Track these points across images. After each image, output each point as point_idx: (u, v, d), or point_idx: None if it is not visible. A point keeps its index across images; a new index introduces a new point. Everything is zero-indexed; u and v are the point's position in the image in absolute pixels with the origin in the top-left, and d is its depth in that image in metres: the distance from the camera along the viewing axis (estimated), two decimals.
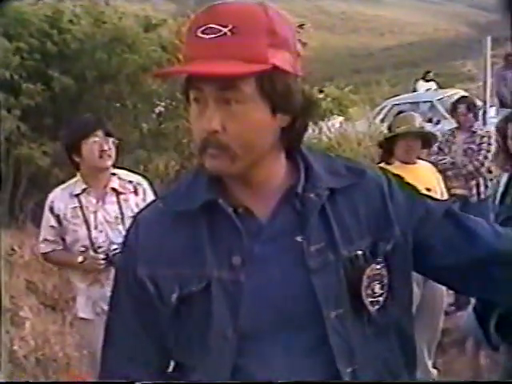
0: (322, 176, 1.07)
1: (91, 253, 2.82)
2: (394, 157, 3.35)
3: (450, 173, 4.54)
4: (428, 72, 13.34)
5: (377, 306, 1.06)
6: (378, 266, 1.06)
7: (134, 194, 2.92)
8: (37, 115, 5.81)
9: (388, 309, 1.08)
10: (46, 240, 2.93)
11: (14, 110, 5.48)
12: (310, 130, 8.35)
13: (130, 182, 2.94)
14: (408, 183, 1.17)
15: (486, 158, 4.54)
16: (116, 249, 2.73)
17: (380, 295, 1.07)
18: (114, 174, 2.92)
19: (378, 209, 1.08)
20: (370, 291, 1.06)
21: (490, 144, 4.54)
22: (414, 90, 12.93)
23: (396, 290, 1.09)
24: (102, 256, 2.79)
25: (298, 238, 1.04)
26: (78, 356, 4.31)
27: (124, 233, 3.08)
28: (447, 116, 10.09)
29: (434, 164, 3.89)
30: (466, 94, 10.58)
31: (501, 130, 2.95)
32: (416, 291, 3.04)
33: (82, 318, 2.96)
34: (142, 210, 1.19)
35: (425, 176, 3.34)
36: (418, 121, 3.42)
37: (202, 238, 1.05)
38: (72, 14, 6.09)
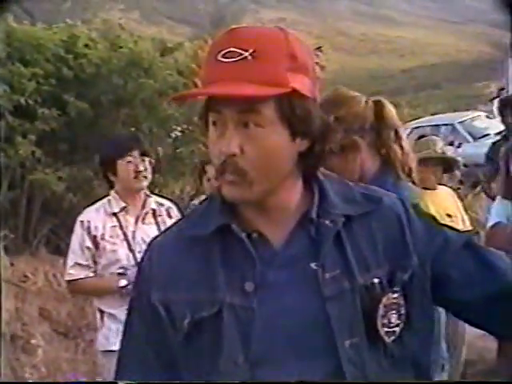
0: (337, 202, 1.07)
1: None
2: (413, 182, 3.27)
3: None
4: None
5: (393, 337, 1.04)
6: (395, 295, 1.04)
7: (168, 216, 2.90)
8: (52, 140, 5.81)
9: (404, 340, 1.05)
10: (78, 265, 2.78)
11: (30, 136, 5.49)
12: None
13: (162, 205, 2.93)
14: (426, 212, 1.14)
15: None
16: None
17: (396, 325, 1.04)
18: (149, 196, 2.89)
19: (395, 237, 1.07)
20: (386, 321, 1.03)
21: None
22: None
23: (413, 321, 1.06)
24: None
25: (313, 265, 1.02)
26: None
27: None
28: (469, 139, 9.98)
29: None
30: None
31: (505, 158, 2.89)
32: (443, 319, 2.97)
33: (111, 351, 2.71)
34: (157, 237, 1.18)
35: (445, 202, 3.24)
36: (440, 145, 3.34)
37: (215, 263, 1.05)
38: (88, 39, 6.12)
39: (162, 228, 2.81)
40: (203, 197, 4.05)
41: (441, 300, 1.10)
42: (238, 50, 0.98)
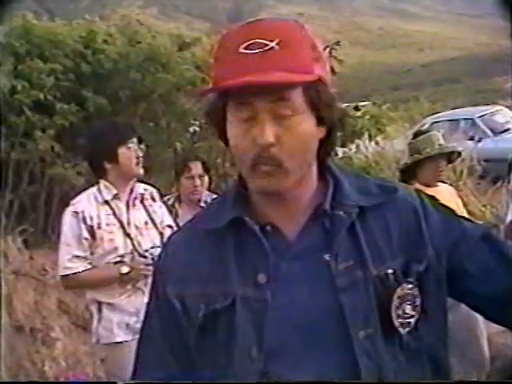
0: (351, 194, 1.07)
1: (141, 259, 2.69)
2: (415, 179, 3.22)
3: None
4: None
5: (408, 328, 1.03)
6: (410, 286, 1.03)
7: (152, 200, 2.90)
8: (71, 135, 5.84)
9: (420, 332, 1.04)
10: (75, 257, 2.69)
11: (49, 131, 5.53)
12: (346, 149, 8.21)
13: (146, 189, 2.92)
14: (443, 205, 1.12)
15: None
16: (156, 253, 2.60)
17: (411, 316, 1.03)
18: (135, 182, 2.88)
19: (410, 228, 1.06)
20: (400, 312, 1.02)
21: None
22: None
23: (429, 312, 1.05)
24: (151, 261, 2.62)
25: (326, 256, 1.02)
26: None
27: (152, 238, 2.79)
28: (489, 134, 9.86)
29: None
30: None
31: None
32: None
33: (115, 343, 2.72)
34: (173, 233, 1.21)
35: (444, 200, 3.19)
36: (438, 140, 3.29)
37: (228, 255, 1.05)
38: (106, 34, 6.14)
39: (150, 210, 2.84)
40: (174, 194, 3.92)
41: (457, 293, 1.09)
42: (264, 41, 0.97)
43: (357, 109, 8.47)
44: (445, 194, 3.26)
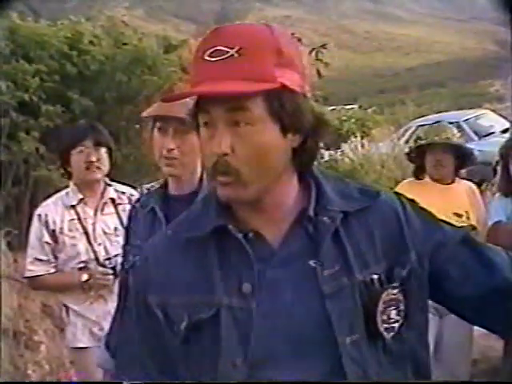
0: (334, 199, 1.06)
1: (99, 268, 2.65)
2: (425, 172, 3.04)
3: None
4: None
5: (392, 333, 1.03)
6: (395, 291, 1.04)
7: (130, 204, 2.82)
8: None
9: (403, 336, 1.05)
10: (37, 260, 2.68)
11: (33, 132, 5.48)
12: (332, 152, 8.26)
13: (123, 192, 2.83)
14: (423, 208, 1.12)
15: None
16: (122, 261, 2.60)
17: (396, 321, 1.04)
18: (109, 185, 2.80)
19: (393, 233, 1.06)
20: (385, 317, 1.03)
21: None
22: None
23: (412, 316, 1.06)
24: (110, 271, 2.62)
25: (311, 263, 1.02)
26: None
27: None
28: (474, 137, 9.94)
29: None
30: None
31: (503, 155, 2.85)
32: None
33: (79, 348, 2.73)
34: (151, 239, 1.19)
35: (457, 199, 3.02)
36: (451, 132, 3.04)
37: (212, 264, 1.04)
38: (92, 35, 6.11)
39: (123, 216, 2.73)
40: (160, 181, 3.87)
41: (437, 296, 1.10)
42: (224, 48, 0.97)
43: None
44: (459, 192, 3.06)
